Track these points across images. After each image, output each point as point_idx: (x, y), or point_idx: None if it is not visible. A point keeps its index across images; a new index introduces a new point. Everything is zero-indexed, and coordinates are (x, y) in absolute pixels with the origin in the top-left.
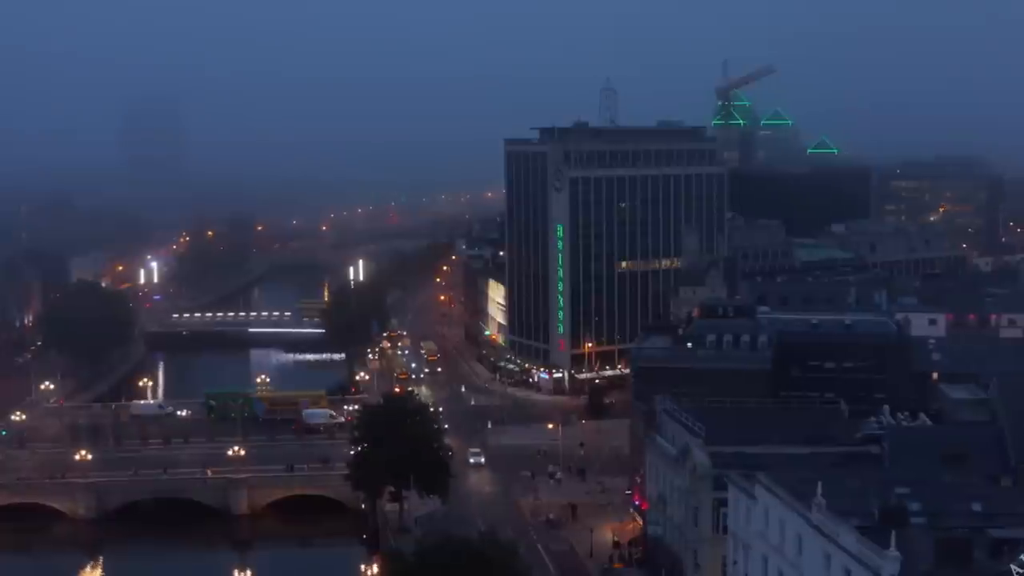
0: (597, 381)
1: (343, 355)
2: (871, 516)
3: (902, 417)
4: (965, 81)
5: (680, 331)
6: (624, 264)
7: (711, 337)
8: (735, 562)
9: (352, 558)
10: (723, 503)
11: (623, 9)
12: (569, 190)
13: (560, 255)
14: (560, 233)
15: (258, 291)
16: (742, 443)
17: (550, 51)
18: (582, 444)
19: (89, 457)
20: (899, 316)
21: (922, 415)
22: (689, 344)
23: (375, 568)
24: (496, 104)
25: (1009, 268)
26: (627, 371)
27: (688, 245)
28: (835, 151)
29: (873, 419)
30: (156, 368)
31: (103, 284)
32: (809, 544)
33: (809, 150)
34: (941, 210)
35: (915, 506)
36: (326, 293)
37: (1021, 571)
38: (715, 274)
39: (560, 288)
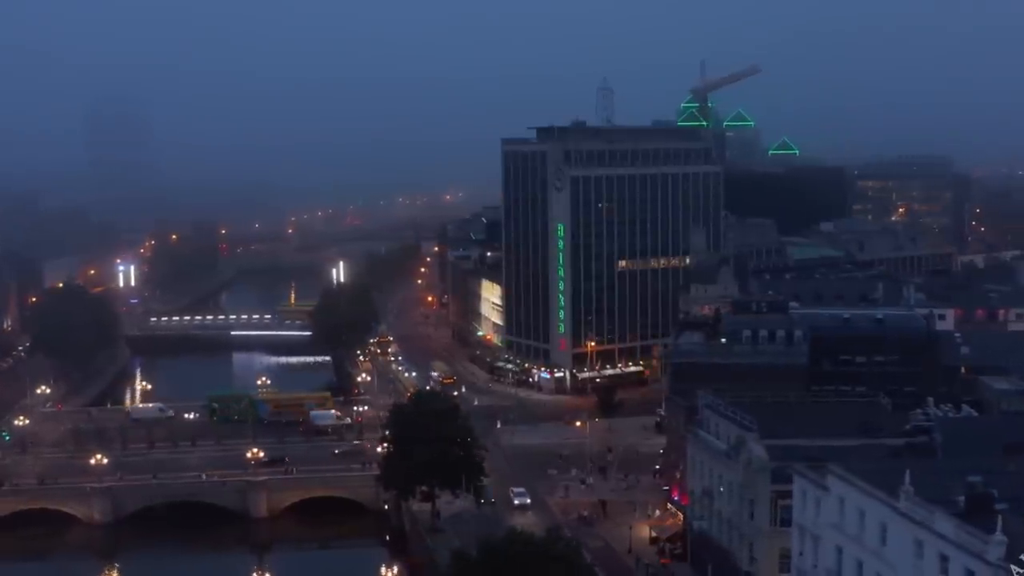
0: (598, 380)
1: (328, 358)
2: (955, 504)
3: (946, 409)
4: (943, 81)
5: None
6: (624, 263)
7: (746, 333)
8: (800, 554)
9: (374, 560)
10: (782, 495)
11: (608, 8)
12: (570, 189)
13: (561, 254)
14: (561, 232)
15: (226, 294)
16: (794, 436)
17: (534, 51)
18: (610, 449)
19: (105, 461)
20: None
21: (965, 406)
22: (723, 340)
23: (395, 570)
24: (472, 105)
25: (1002, 265)
26: (629, 369)
27: (696, 243)
28: (796, 152)
29: (919, 411)
30: (143, 372)
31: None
32: (896, 532)
33: (770, 151)
34: (901, 209)
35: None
36: (292, 296)
37: (1021, 571)
38: (726, 271)
39: (561, 287)
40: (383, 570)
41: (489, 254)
